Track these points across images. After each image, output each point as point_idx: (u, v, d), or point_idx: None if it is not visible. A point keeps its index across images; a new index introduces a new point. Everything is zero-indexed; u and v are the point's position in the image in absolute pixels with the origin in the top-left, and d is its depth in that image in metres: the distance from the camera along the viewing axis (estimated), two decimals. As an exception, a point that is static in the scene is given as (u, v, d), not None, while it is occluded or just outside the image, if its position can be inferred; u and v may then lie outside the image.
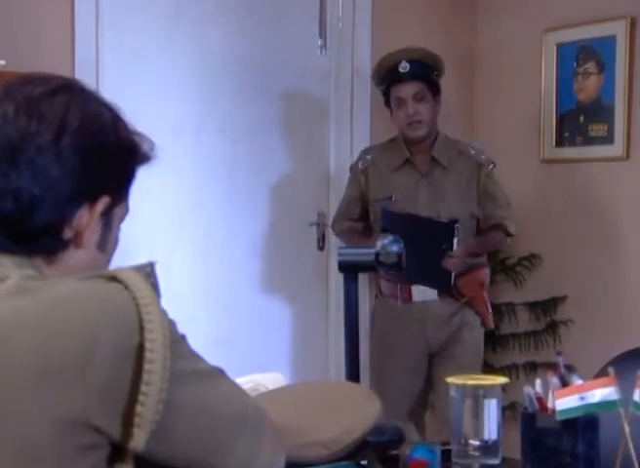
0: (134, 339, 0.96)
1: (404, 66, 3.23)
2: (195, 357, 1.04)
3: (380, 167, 3.35)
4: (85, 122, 1.04)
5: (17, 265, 1.02)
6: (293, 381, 1.88)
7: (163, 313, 0.99)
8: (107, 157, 1.07)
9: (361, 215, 3.42)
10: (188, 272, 3.44)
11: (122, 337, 0.96)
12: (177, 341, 1.00)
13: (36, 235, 1.03)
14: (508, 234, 3.36)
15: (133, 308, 0.97)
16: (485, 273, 3.39)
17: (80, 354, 0.94)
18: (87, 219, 1.05)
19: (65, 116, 1.03)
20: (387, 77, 3.29)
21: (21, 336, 0.95)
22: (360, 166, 3.40)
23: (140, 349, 0.96)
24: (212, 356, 1.12)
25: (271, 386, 1.69)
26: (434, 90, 3.29)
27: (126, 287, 0.98)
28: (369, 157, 3.39)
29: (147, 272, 1.01)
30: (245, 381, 1.67)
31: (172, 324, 1.00)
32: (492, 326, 3.41)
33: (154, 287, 1.00)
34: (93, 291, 0.98)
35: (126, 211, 1.13)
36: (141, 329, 0.96)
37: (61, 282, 1.00)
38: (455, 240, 3.11)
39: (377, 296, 3.46)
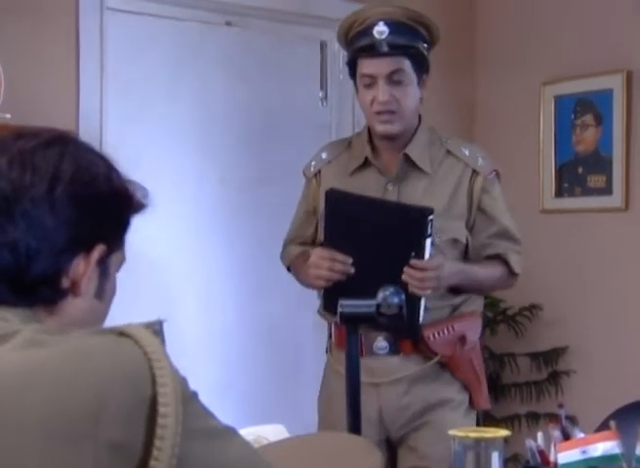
0: (147, 394, 0.95)
1: (380, 31, 2.25)
2: (208, 414, 1.03)
3: (337, 168, 2.42)
4: (78, 172, 1.05)
5: (22, 320, 1.02)
6: (294, 433, 1.87)
7: (175, 369, 0.98)
8: (101, 206, 1.08)
9: (315, 238, 2.49)
10: (190, 320, 3.43)
11: (135, 392, 0.95)
12: (189, 398, 0.99)
13: (34, 285, 1.04)
14: (512, 271, 2.40)
15: (145, 364, 0.97)
16: (473, 324, 2.36)
17: (92, 408, 0.94)
18: (83, 268, 1.06)
19: (58, 167, 1.04)
20: (355, 42, 2.30)
21: (34, 389, 0.94)
22: (312, 168, 2.48)
23: (153, 404, 0.95)
24: (214, 404, 1.12)
25: (273, 438, 1.69)
26: (420, 67, 2.31)
27: (137, 342, 0.98)
28: (324, 155, 2.48)
29: (156, 329, 1.01)
30: (247, 433, 1.67)
31: (184, 380, 1.00)
32: (487, 406, 2.40)
33: (162, 344, 1.01)
34: (105, 345, 0.98)
35: (123, 259, 1.14)
36: (154, 384, 0.96)
37: (73, 336, 1.00)
38: (428, 242, 2.13)
39: (326, 348, 2.53)
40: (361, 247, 2.20)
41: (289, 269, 2.58)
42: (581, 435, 1.50)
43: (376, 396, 2.29)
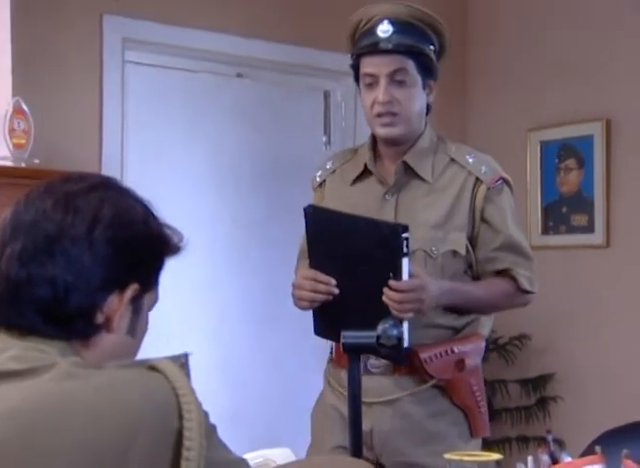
0: (173, 426, 0.96)
1: (385, 29, 2.02)
2: (225, 447, 1.03)
3: (339, 178, 2.18)
4: (117, 215, 1.06)
5: (61, 352, 1.02)
6: (300, 456, 1.86)
7: (199, 404, 0.99)
8: (137, 248, 1.08)
9: None
10: (203, 350, 3.43)
11: (163, 425, 0.96)
12: (210, 431, 1.00)
13: (70, 319, 1.04)
14: (521, 289, 2.09)
15: (173, 398, 0.97)
16: (474, 348, 2.06)
17: (123, 437, 0.94)
18: (117, 305, 1.06)
19: (99, 210, 1.05)
20: (360, 41, 2.07)
21: (68, 417, 0.94)
22: (318, 178, 2.22)
23: (179, 436, 0.96)
24: (226, 430, 1.11)
25: (280, 461, 1.68)
26: (426, 71, 2.06)
27: (166, 377, 0.98)
28: (329, 165, 2.21)
29: (182, 363, 1.02)
30: (255, 456, 1.66)
31: (206, 414, 1.00)
32: (486, 433, 2.09)
33: (187, 376, 1.01)
34: (136, 379, 0.98)
35: (155, 298, 1.13)
36: (181, 418, 0.96)
37: (106, 369, 1.00)
38: (405, 261, 1.85)
39: (330, 353, 2.22)
40: (343, 266, 1.96)
41: None
42: (569, 459, 1.49)
43: (368, 417, 1.92)
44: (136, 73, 3.33)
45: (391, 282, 1.86)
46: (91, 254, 1.03)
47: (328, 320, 2.01)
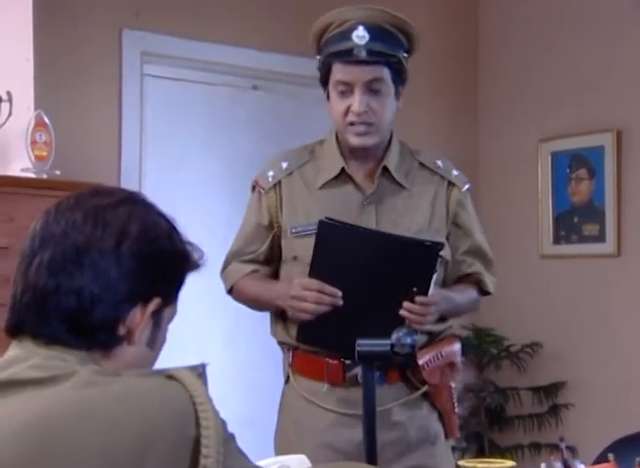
0: (191, 435, 0.96)
1: (360, 35, 1.89)
2: (243, 456, 1.03)
3: (301, 180, 2.03)
4: (143, 230, 1.06)
5: (81, 361, 1.03)
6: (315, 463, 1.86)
7: (216, 412, 0.99)
8: (161, 263, 1.08)
9: (268, 256, 2.06)
10: (218, 356, 3.43)
11: (180, 433, 0.96)
12: (228, 439, 1.00)
13: (94, 330, 1.04)
14: (484, 292, 2.08)
15: (190, 406, 0.97)
16: (457, 348, 2.04)
17: (141, 444, 0.94)
18: (139, 318, 1.06)
19: (127, 225, 1.05)
20: (330, 45, 1.94)
21: (88, 424, 0.94)
22: (270, 179, 2.05)
23: (197, 444, 0.96)
24: (241, 436, 1.11)
25: (295, 467, 1.67)
26: (399, 78, 1.96)
27: (183, 386, 0.98)
28: (284, 165, 2.05)
29: (200, 372, 1.02)
30: (272, 462, 1.66)
31: (224, 423, 1.00)
32: (456, 434, 2.06)
33: (205, 386, 1.01)
34: (155, 387, 0.98)
35: (174, 312, 1.14)
36: (198, 426, 0.96)
37: (125, 377, 1.00)
38: (434, 277, 1.86)
39: (287, 376, 2.14)
40: (350, 279, 1.88)
41: (230, 290, 2.16)
42: (582, 466, 1.48)
43: (357, 429, 1.81)
44: (154, 86, 3.35)
45: (420, 298, 1.83)
46: (117, 268, 1.04)
47: (320, 328, 1.92)
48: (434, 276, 1.86)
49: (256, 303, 2.12)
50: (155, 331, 1.10)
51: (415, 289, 1.83)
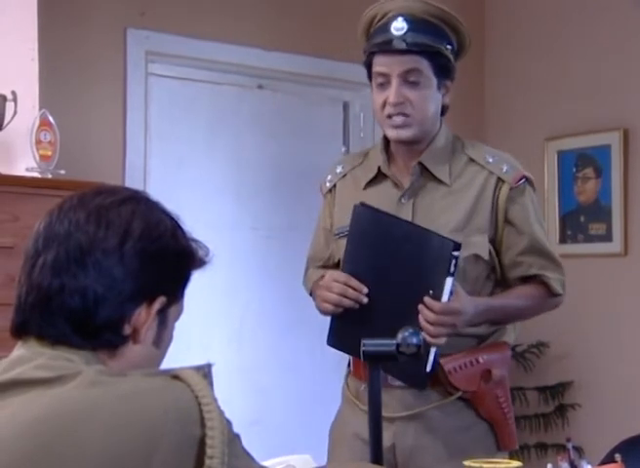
0: (196, 435, 0.96)
1: (399, 27, 1.87)
2: (248, 456, 1.03)
3: (351, 182, 2.04)
4: (147, 229, 1.06)
5: (86, 361, 1.02)
6: (320, 462, 1.85)
7: (222, 413, 0.98)
8: (165, 261, 1.07)
9: (335, 259, 2.06)
10: (223, 356, 3.43)
11: (185, 433, 0.95)
12: (233, 440, 0.99)
13: (99, 330, 1.04)
14: (553, 293, 1.96)
15: (195, 407, 0.97)
16: (501, 357, 1.94)
17: (145, 444, 0.94)
18: (144, 317, 1.06)
19: (130, 224, 1.05)
20: (373, 38, 1.93)
21: (92, 424, 0.94)
22: (328, 183, 2.09)
23: (201, 445, 0.95)
24: (246, 436, 1.11)
25: (301, 467, 1.67)
26: (442, 71, 1.92)
27: (189, 386, 0.98)
28: (339, 169, 2.08)
29: (205, 372, 1.01)
30: (277, 462, 1.66)
31: (229, 423, 1.00)
32: (514, 446, 1.96)
33: (210, 386, 1.00)
34: (160, 387, 0.98)
35: (180, 310, 1.13)
36: (203, 426, 0.96)
37: (131, 377, 1.00)
38: (449, 281, 1.74)
39: (346, 375, 2.10)
40: (380, 274, 1.84)
41: (311, 294, 2.13)
42: (589, 467, 1.48)
43: (389, 432, 1.84)
44: (159, 85, 3.36)
45: (427, 299, 1.74)
46: (121, 267, 1.04)
47: (347, 330, 1.90)
48: (449, 281, 1.73)
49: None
50: (161, 330, 1.09)
51: (431, 291, 1.74)
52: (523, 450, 3.64)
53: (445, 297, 1.75)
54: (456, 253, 1.73)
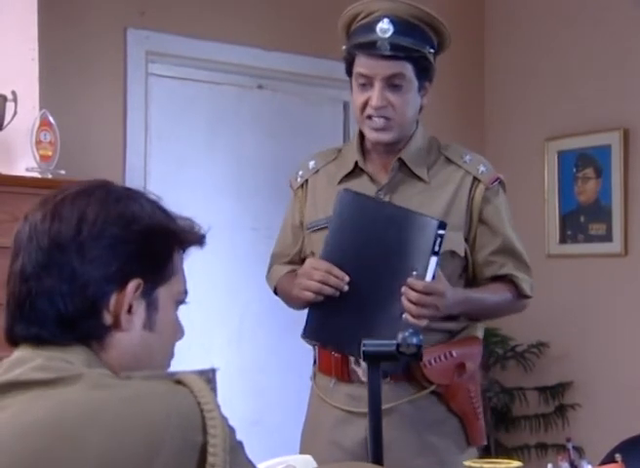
0: (197, 442, 0.95)
1: (384, 28, 1.85)
2: (250, 464, 1.02)
3: (324, 178, 2.03)
4: (103, 213, 1.03)
5: (87, 363, 1.02)
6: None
7: (224, 419, 0.97)
8: (133, 242, 1.04)
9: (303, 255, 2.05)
10: (223, 356, 3.43)
11: (187, 439, 0.94)
12: (235, 447, 0.98)
13: (76, 325, 1.02)
14: (522, 294, 1.96)
15: (198, 413, 0.96)
16: (474, 351, 1.95)
17: (146, 450, 0.93)
18: (119, 303, 1.03)
19: (84, 212, 1.03)
20: (355, 36, 1.92)
21: (94, 427, 0.94)
22: (299, 179, 2.07)
23: (203, 452, 0.95)
24: (246, 436, 1.10)
25: (301, 467, 1.67)
26: (423, 74, 1.91)
27: (192, 392, 0.97)
28: (311, 164, 2.06)
29: (209, 377, 1.00)
30: (277, 462, 1.65)
31: (232, 430, 0.98)
32: (482, 441, 1.97)
33: (214, 391, 0.99)
34: (162, 392, 0.97)
35: (178, 291, 1.10)
36: (205, 433, 0.95)
37: (133, 381, 0.99)
38: (433, 260, 1.76)
39: (312, 374, 2.10)
40: (363, 260, 1.83)
41: (275, 291, 2.14)
42: (589, 467, 1.48)
43: (361, 426, 1.84)
44: (159, 85, 3.36)
45: (410, 279, 1.73)
46: (80, 258, 1.02)
47: (326, 320, 1.89)
48: (433, 260, 1.74)
49: (291, 301, 2.05)
50: (151, 313, 1.06)
51: (414, 272, 1.74)
52: (523, 450, 3.64)
53: (429, 277, 1.75)
54: (441, 232, 1.75)
